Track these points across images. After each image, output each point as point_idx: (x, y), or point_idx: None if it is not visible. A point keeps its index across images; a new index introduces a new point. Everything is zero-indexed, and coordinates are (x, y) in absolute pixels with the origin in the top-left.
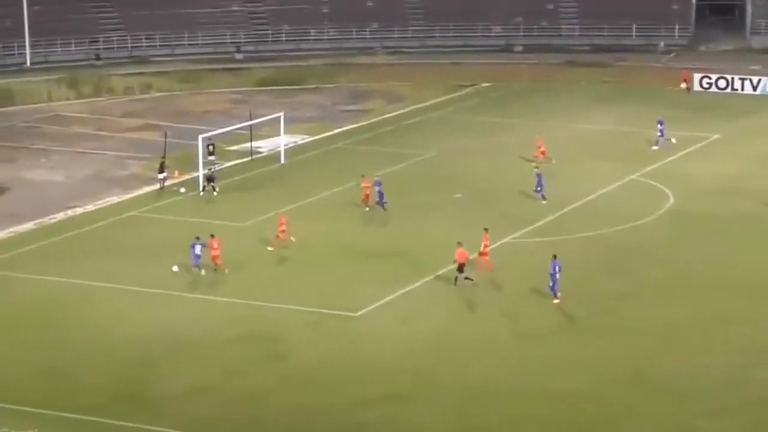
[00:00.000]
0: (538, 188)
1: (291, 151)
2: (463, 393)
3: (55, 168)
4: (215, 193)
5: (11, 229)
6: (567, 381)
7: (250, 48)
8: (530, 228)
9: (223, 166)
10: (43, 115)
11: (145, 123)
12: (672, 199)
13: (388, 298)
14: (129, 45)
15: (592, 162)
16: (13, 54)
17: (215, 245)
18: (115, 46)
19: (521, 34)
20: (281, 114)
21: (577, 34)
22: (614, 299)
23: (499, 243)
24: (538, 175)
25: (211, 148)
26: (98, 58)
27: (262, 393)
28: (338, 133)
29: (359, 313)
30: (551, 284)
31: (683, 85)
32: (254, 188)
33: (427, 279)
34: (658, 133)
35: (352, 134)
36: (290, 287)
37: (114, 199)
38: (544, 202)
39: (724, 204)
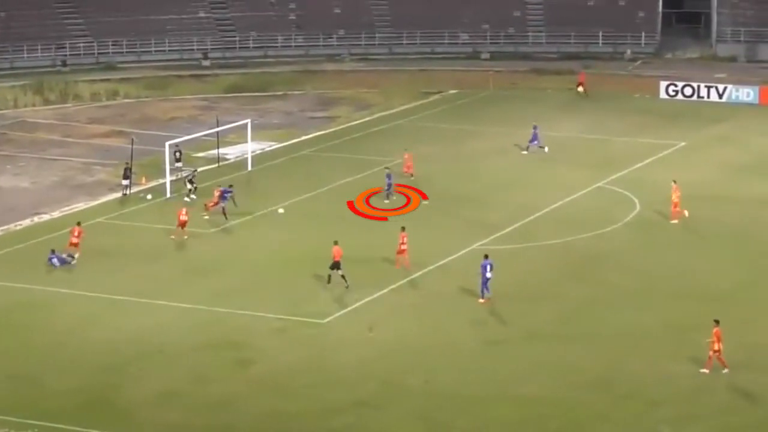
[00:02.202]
0: (387, 188)
1: (258, 158)
2: (431, 399)
3: (21, 174)
4: (194, 196)
5: None
6: (534, 387)
7: (218, 55)
8: (497, 235)
9: (196, 171)
10: (9, 122)
11: (111, 129)
12: (638, 207)
13: (355, 305)
14: (95, 51)
15: (559, 169)
16: None
17: (76, 233)
18: (82, 52)
19: (488, 41)
20: (248, 121)
21: (543, 41)
22: (581, 306)
23: (466, 250)
24: (388, 176)
25: (177, 154)
26: (65, 65)
27: (231, 399)
28: (305, 140)
29: (326, 320)
30: (481, 283)
31: (580, 89)
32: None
33: (395, 285)
34: (532, 138)
35: (319, 141)
36: (257, 294)
37: (80, 206)
38: (386, 201)
39: (690, 211)
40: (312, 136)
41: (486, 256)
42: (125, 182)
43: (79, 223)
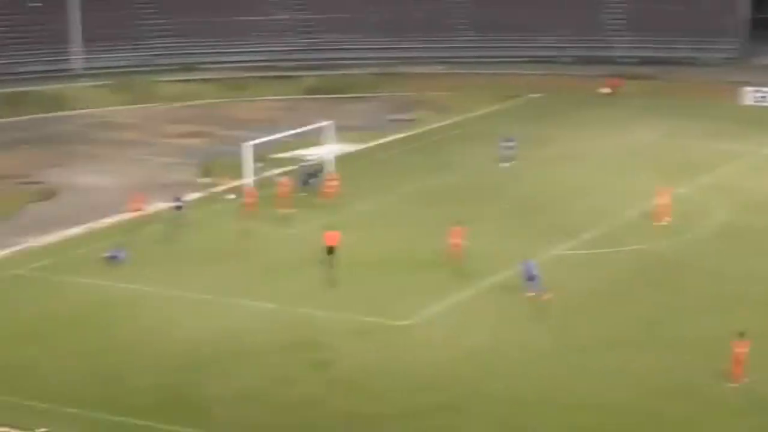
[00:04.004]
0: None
1: (338, 160)
2: (512, 404)
3: (104, 173)
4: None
5: (61, 234)
6: (615, 394)
7: (300, 56)
8: (578, 240)
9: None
10: (93, 121)
11: (193, 130)
12: (720, 213)
13: (437, 308)
14: (178, 52)
15: (640, 175)
16: (65, 60)
17: (137, 200)
18: (164, 52)
19: (570, 45)
20: (329, 123)
21: (625, 46)
22: (663, 312)
23: (547, 255)
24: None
25: (258, 156)
26: (147, 65)
27: (311, 400)
28: (385, 143)
29: (408, 323)
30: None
31: (606, 90)
32: (301, 196)
33: (476, 289)
34: (505, 151)
35: (399, 144)
36: (338, 296)
37: (162, 205)
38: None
39: None
40: (392, 139)
41: (528, 259)
42: (204, 181)
43: (139, 192)
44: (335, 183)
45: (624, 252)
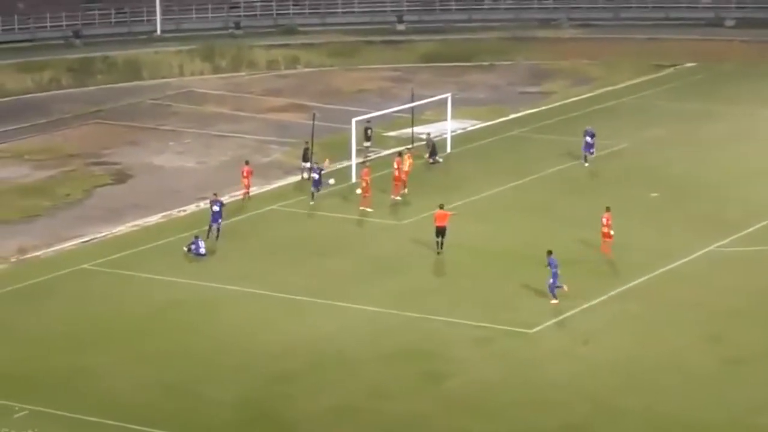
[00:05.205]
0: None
1: (459, 139)
2: (654, 425)
3: (186, 153)
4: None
5: (135, 223)
6: None
7: (414, 18)
8: (740, 234)
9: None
10: (173, 92)
11: (290, 102)
12: None
13: (568, 313)
14: (274, 12)
15: None
16: (142, 21)
17: (245, 173)
18: (258, 13)
19: (734, 5)
20: (448, 95)
21: None
22: None
23: (701, 252)
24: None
25: (369, 131)
26: (238, 27)
27: (418, 418)
28: (514, 119)
29: (535, 330)
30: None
31: None
32: (415, 181)
33: (615, 291)
34: (589, 148)
35: (530, 120)
36: (454, 297)
37: (253, 190)
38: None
39: None
40: (522, 115)
41: (550, 252)
42: (305, 165)
43: (247, 162)
44: (401, 175)
45: None
